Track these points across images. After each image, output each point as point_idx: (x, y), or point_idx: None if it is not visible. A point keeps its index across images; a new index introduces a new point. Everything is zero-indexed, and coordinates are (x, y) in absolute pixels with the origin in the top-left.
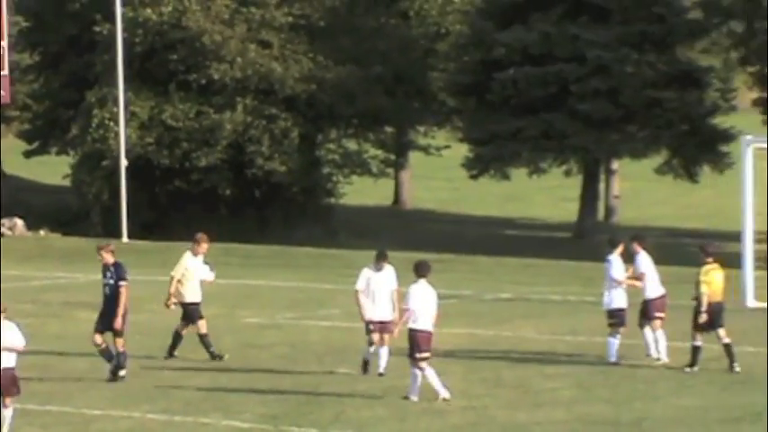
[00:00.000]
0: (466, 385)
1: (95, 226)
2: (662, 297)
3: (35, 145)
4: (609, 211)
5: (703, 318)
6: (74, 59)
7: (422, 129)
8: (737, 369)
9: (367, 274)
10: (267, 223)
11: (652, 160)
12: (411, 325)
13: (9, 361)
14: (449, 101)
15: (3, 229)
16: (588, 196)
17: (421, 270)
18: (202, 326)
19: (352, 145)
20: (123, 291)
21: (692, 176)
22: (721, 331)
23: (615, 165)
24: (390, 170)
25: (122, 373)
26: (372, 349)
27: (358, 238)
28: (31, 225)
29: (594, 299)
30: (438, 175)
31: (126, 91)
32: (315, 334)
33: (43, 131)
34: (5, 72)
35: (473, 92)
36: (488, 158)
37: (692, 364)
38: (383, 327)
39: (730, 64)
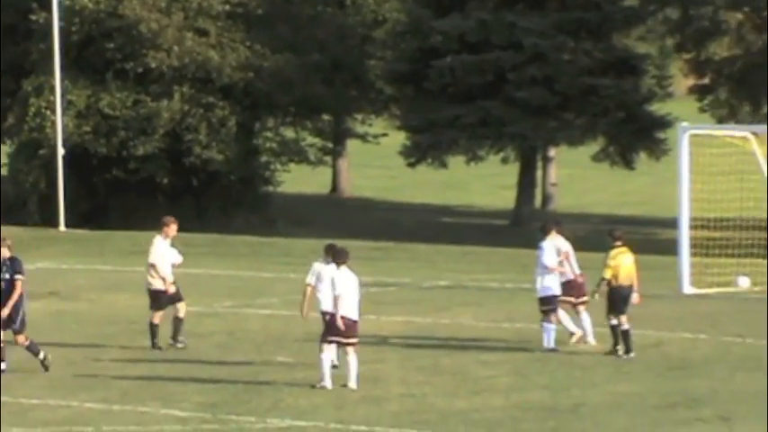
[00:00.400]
0: (404, 373)
1: (32, 215)
2: (573, 281)
3: None
4: (546, 198)
5: (595, 297)
6: (10, 48)
7: (359, 117)
8: (624, 355)
9: (317, 268)
10: (205, 211)
11: (589, 147)
12: (331, 310)
13: None
14: (386, 89)
15: None
16: (525, 184)
17: (341, 257)
18: (182, 309)
19: (289, 133)
20: (18, 285)
21: (628, 163)
22: (623, 317)
23: (552, 152)
24: (328, 158)
25: (2, 366)
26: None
27: (296, 227)
28: None
29: (531, 286)
30: (376, 163)
31: (63, 79)
32: (253, 322)
33: None
34: None
35: (410, 80)
36: (426, 146)
37: (616, 344)
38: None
39: (666, 51)
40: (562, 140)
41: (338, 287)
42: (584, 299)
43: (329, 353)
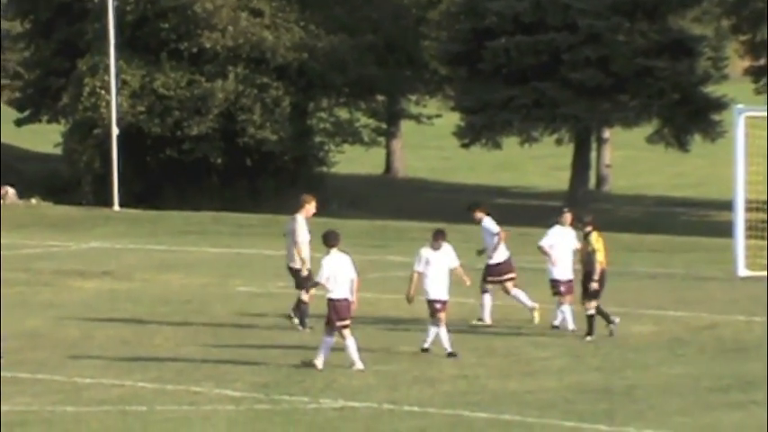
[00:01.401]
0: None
1: (87, 194)
2: (507, 260)
3: (26, 113)
4: (600, 179)
5: (594, 286)
6: (65, 27)
7: (413, 97)
8: (588, 339)
9: (425, 254)
10: (259, 192)
11: (643, 129)
12: (329, 295)
13: None
14: (440, 69)
15: None
16: (580, 165)
17: (331, 240)
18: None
19: (343, 114)
20: None
21: (682, 145)
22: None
23: (607, 133)
24: (382, 139)
25: None
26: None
27: (349, 207)
28: (23, 193)
29: None
30: (429, 143)
31: (117, 59)
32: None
33: (34, 100)
34: None
35: (465, 60)
36: (480, 127)
37: (590, 333)
38: (443, 306)
39: (722, 32)
40: (617, 122)
41: (326, 271)
42: (512, 275)
43: (329, 338)
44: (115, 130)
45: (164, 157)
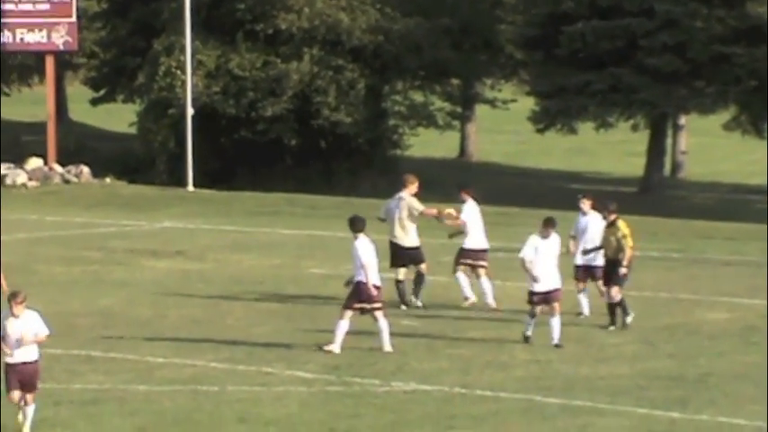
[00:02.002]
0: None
1: (161, 174)
2: (483, 251)
3: (102, 92)
4: (676, 166)
5: (624, 271)
6: (141, 7)
7: (488, 81)
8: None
9: (534, 242)
10: (332, 174)
11: (720, 116)
12: (359, 278)
13: (32, 354)
14: (516, 54)
15: (69, 176)
16: (655, 151)
17: (358, 225)
18: (422, 268)
19: (418, 97)
20: None
21: (759, 132)
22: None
23: (683, 120)
24: (456, 123)
25: None
26: (533, 322)
27: (423, 190)
28: (97, 172)
29: (659, 254)
30: (504, 128)
31: (193, 40)
32: None
33: (110, 79)
34: (73, 19)
35: (541, 45)
36: (555, 112)
37: (613, 322)
38: (549, 296)
39: None
40: (693, 108)
41: (364, 257)
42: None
43: (348, 320)
44: (190, 111)
45: (238, 138)
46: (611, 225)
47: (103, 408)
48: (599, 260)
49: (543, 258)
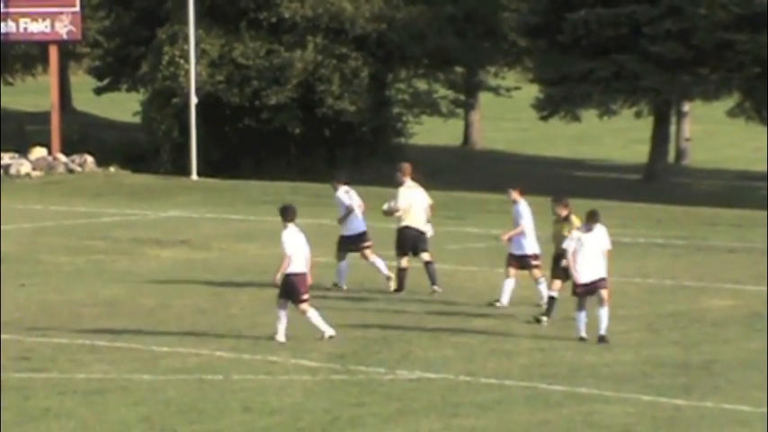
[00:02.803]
0: (533, 327)
1: (165, 163)
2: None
3: (105, 82)
4: (680, 153)
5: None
6: None
7: (492, 69)
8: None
9: (577, 235)
10: (336, 162)
11: (724, 103)
12: (289, 270)
13: None
14: (520, 41)
15: (73, 166)
16: (659, 138)
17: (288, 215)
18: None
19: (422, 85)
20: None
21: (763, 119)
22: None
23: (686, 107)
24: (460, 110)
25: None
26: (584, 315)
27: (427, 178)
28: (101, 161)
29: (664, 241)
30: (508, 115)
31: (197, 28)
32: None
33: (114, 68)
34: (77, 8)
35: (544, 32)
36: (559, 99)
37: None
38: (594, 286)
39: None
40: (697, 95)
41: (287, 247)
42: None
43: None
44: (194, 100)
45: (242, 127)
46: (565, 220)
47: (108, 397)
48: (530, 249)
49: (587, 251)
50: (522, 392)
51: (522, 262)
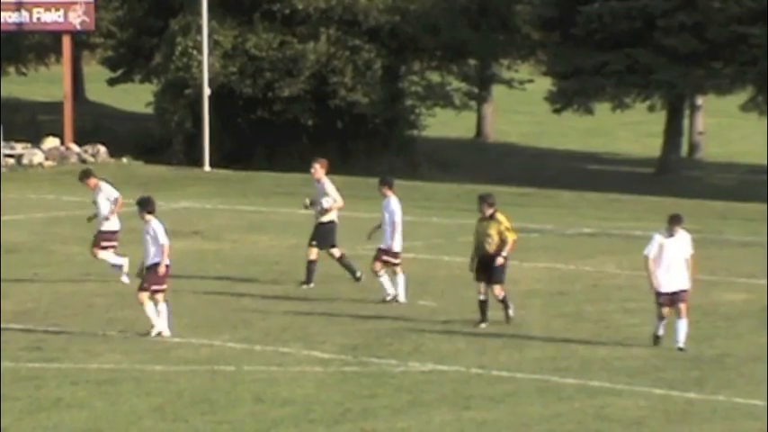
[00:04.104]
0: (546, 319)
1: (177, 154)
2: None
3: (119, 72)
4: (693, 147)
5: (501, 261)
6: None
7: (505, 62)
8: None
9: (659, 240)
10: (349, 154)
11: (737, 96)
12: (148, 261)
13: None
14: (533, 34)
15: (86, 156)
16: (672, 132)
17: (149, 206)
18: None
19: (435, 77)
20: None
21: None
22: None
23: (700, 100)
24: (473, 103)
25: None
26: (663, 323)
27: (440, 171)
28: (114, 152)
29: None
30: (521, 108)
31: (210, 19)
32: None
33: (127, 59)
34: None
35: (558, 25)
36: (572, 92)
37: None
38: (676, 297)
39: None
40: (710, 89)
41: (162, 238)
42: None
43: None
44: (207, 91)
45: (255, 118)
46: (491, 218)
47: (120, 387)
48: (396, 245)
49: (669, 257)
50: (534, 385)
51: (388, 256)
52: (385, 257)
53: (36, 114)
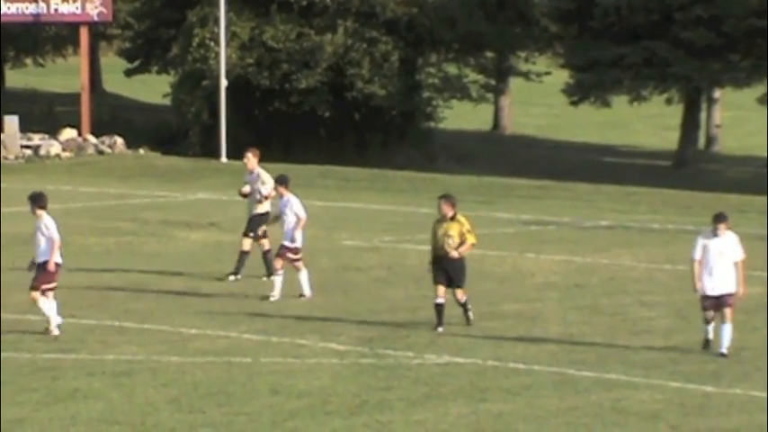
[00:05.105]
0: (563, 312)
1: (194, 145)
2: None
3: (136, 63)
4: (710, 140)
5: (455, 255)
6: None
7: (523, 54)
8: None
9: (702, 241)
10: (366, 146)
11: (754, 89)
12: (39, 259)
13: None
14: (550, 26)
15: (103, 147)
16: (689, 125)
17: (41, 202)
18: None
19: (452, 69)
20: None
21: None
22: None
23: (717, 93)
24: (490, 95)
25: None
26: (710, 327)
27: (456, 163)
28: (131, 143)
29: (694, 228)
30: (538, 100)
31: (227, 11)
32: (412, 257)
33: (144, 50)
34: None
35: (575, 18)
36: (589, 85)
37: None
38: (721, 301)
39: None
40: (727, 82)
41: (55, 234)
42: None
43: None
44: (224, 82)
45: (272, 110)
46: (452, 219)
47: (136, 379)
48: (299, 241)
49: (713, 259)
50: (551, 378)
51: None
52: (288, 254)
53: (53, 105)
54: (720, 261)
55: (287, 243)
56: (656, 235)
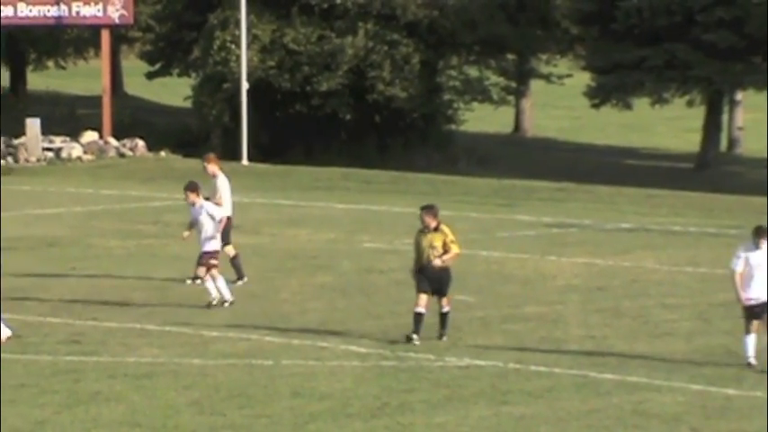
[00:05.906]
0: (584, 315)
1: (215, 148)
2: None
3: (157, 66)
4: (732, 142)
5: (439, 263)
6: None
7: (544, 57)
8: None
9: (744, 253)
10: (387, 149)
11: None
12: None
13: None
14: (572, 29)
15: (124, 150)
16: (711, 127)
17: None
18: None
19: (473, 72)
20: None
21: None
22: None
23: (739, 96)
24: (511, 98)
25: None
26: (752, 339)
27: (477, 166)
28: (152, 146)
29: (716, 230)
30: (559, 103)
31: (248, 14)
32: None
33: (165, 53)
34: None
35: (597, 20)
36: (611, 87)
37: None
38: (758, 310)
39: None
40: (749, 84)
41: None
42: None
43: None
44: (245, 85)
45: (293, 113)
46: (436, 230)
47: (158, 381)
48: (217, 246)
49: (754, 271)
50: (572, 380)
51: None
52: (212, 261)
53: (75, 108)
54: (758, 272)
55: (207, 248)
56: (678, 237)
